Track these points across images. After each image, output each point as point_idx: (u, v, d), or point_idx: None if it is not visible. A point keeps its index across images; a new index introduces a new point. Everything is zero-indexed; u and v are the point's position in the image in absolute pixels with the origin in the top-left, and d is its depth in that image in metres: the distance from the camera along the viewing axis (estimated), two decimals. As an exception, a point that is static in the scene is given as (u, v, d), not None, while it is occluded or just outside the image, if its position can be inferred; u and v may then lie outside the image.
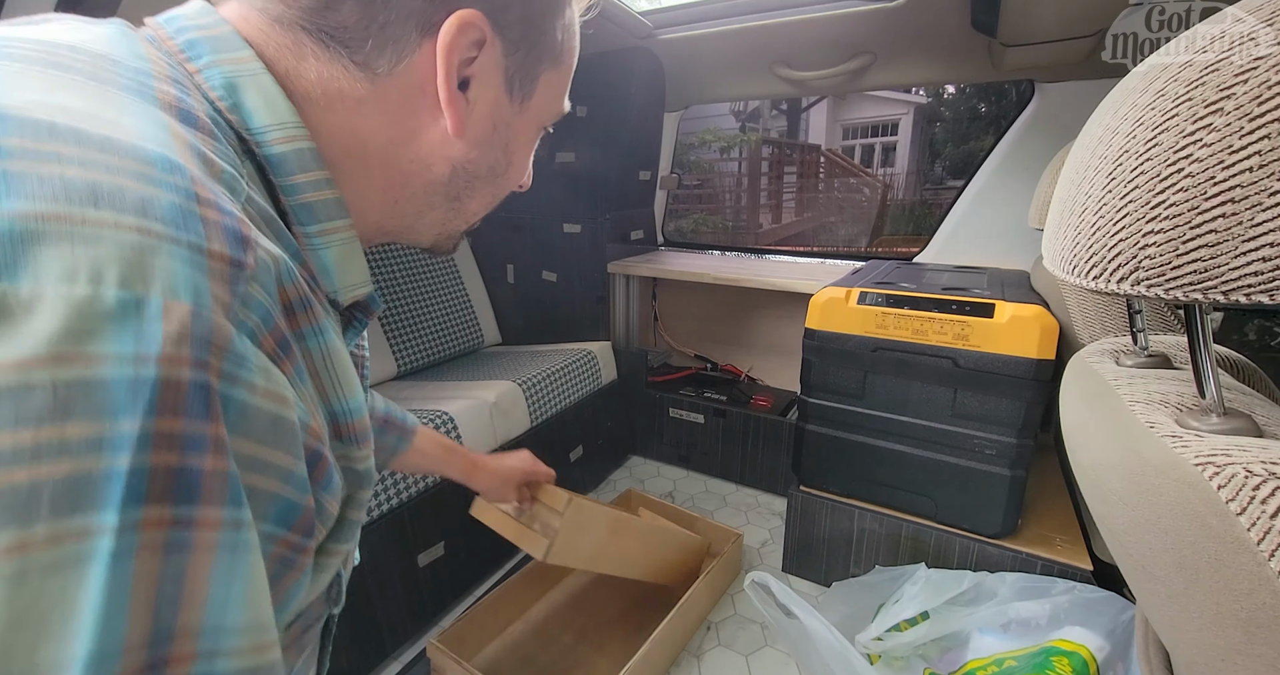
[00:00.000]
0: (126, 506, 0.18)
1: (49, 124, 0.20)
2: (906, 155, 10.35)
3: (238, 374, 0.21)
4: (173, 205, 0.20)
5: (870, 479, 1.20)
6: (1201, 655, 0.31)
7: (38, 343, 0.17)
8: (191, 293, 0.20)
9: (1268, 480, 0.25)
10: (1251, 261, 0.22)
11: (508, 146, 0.39)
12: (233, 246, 0.21)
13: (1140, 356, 0.47)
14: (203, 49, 0.30)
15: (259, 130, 0.30)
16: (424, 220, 0.39)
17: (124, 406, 0.18)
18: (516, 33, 0.35)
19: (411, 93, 0.33)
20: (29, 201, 0.18)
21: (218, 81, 0.29)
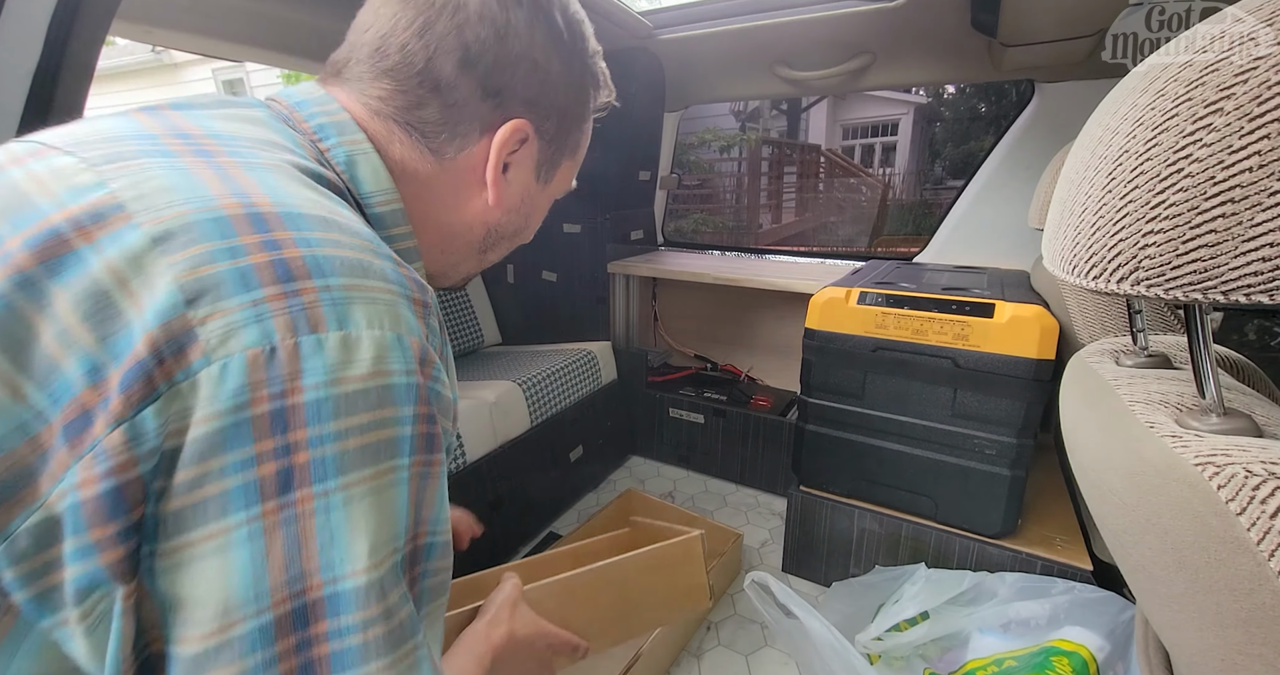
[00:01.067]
0: (411, 454, 0.30)
1: (323, 219, 0.31)
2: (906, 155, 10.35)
3: (439, 376, 0.33)
4: (395, 271, 0.32)
5: (870, 479, 1.20)
6: (1201, 655, 0.31)
7: (366, 363, 0.29)
8: (416, 331, 0.31)
9: (1268, 480, 0.25)
10: (1251, 261, 0.22)
11: (530, 216, 0.50)
12: (421, 293, 0.33)
13: (1140, 356, 0.47)
14: (330, 132, 0.41)
15: (367, 195, 0.41)
16: (458, 269, 0.51)
17: (405, 400, 0.30)
18: (550, 135, 0.47)
19: (467, 174, 0.44)
20: (342, 277, 0.29)
21: (341, 158, 0.40)
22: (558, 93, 0.45)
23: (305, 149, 0.38)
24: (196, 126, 0.35)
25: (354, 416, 0.28)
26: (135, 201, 0.28)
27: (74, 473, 0.25)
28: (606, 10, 1.34)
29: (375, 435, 0.29)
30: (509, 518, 1.39)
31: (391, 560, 0.29)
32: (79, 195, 0.28)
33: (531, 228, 0.52)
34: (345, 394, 0.28)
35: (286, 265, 0.28)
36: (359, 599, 0.28)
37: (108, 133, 0.32)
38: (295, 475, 0.27)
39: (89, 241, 0.27)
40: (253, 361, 0.26)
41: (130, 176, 0.29)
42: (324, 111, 0.41)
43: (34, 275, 0.26)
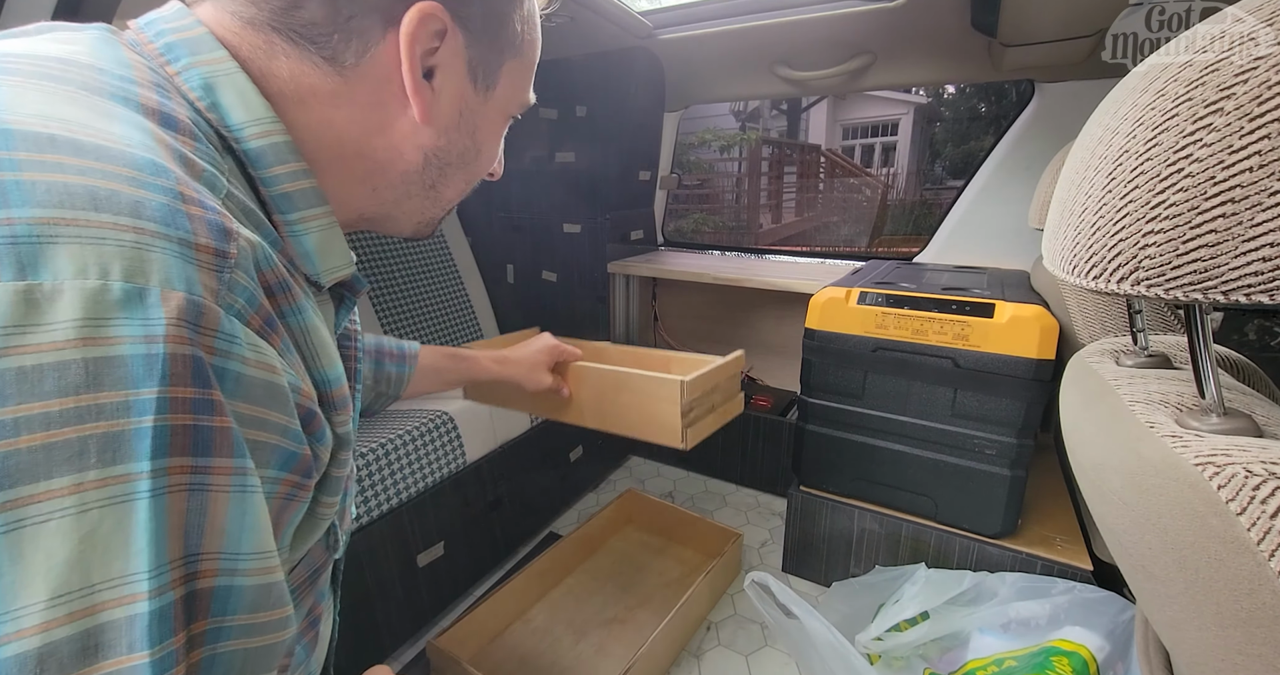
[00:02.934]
0: (155, 456, 0.22)
1: (49, 136, 0.23)
2: (906, 155, 10.35)
3: (230, 349, 0.24)
4: (161, 205, 0.23)
5: (870, 479, 1.20)
6: (1201, 655, 0.31)
7: (66, 328, 0.21)
8: (184, 282, 0.23)
9: (1268, 480, 0.25)
10: (1251, 261, 0.22)
11: (475, 134, 0.41)
12: (217, 239, 0.25)
13: (1140, 356, 0.47)
14: (180, 51, 0.32)
15: (236, 127, 0.32)
16: (402, 208, 0.41)
17: (142, 377, 0.22)
18: (477, 24, 0.37)
19: (380, 84, 0.35)
20: (41, 208, 0.21)
21: (196, 83, 0.32)
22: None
23: (138, 73, 0.29)
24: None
25: (34, 403, 0.20)
26: None
27: None
28: (606, 10, 1.34)
29: (77, 429, 0.21)
30: (509, 518, 1.39)
31: (107, 615, 0.21)
32: None
33: (486, 151, 0.43)
34: (17, 370, 0.20)
35: None
36: (23, 667, 0.19)
37: None
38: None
39: None
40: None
41: None
42: (174, 28, 0.32)
43: None
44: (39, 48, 0.28)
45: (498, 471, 1.34)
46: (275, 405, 0.27)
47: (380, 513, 1.07)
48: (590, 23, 1.38)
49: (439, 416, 1.21)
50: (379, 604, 1.08)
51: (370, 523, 1.05)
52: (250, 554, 0.25)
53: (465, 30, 0.36)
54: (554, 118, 1.78)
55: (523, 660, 1.10)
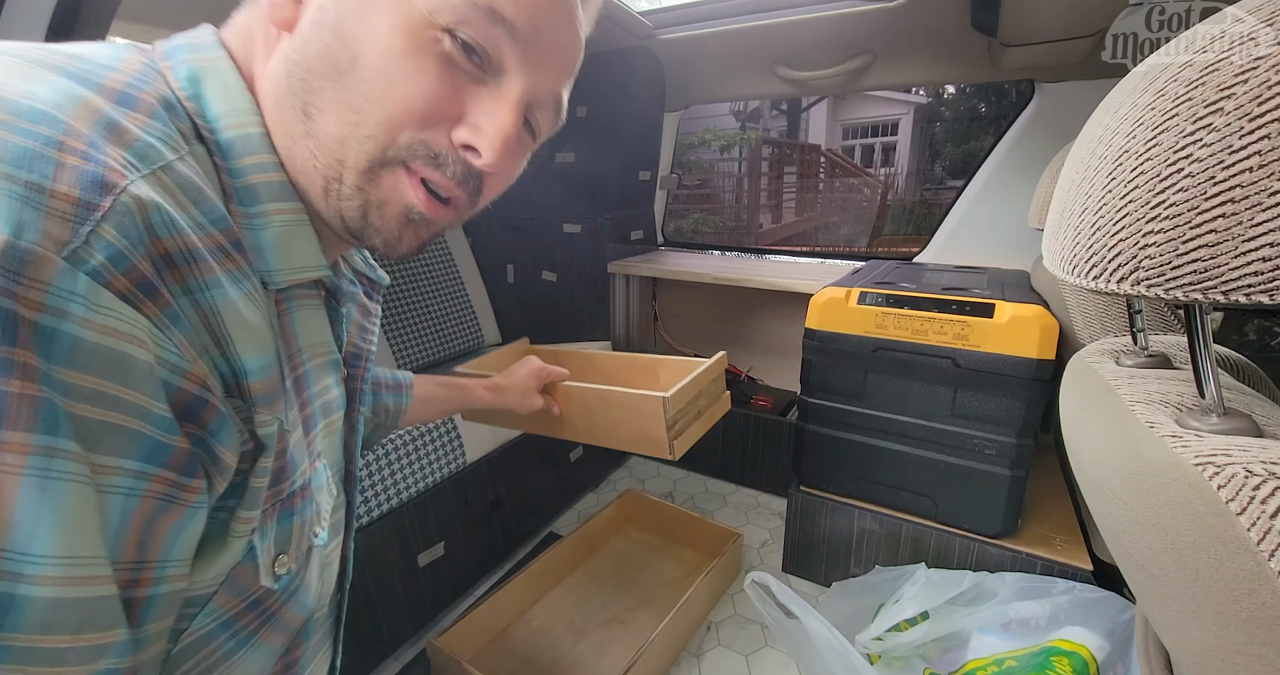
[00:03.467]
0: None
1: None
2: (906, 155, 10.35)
3: (65, 308, 0.21)
4: (23, 149, 0.21)
5: (870, 479, 1.20)
6: (1201, 655, 0.31)
7: None
8: (12, 226, 0.20)
9: (1268, 480, 0.25)
10: (1251, 261, 0.22)
11: (339, 28, 0.31)
12: (85, 189, 0.22)
13: (1140, 356, 0.47)
14: (180, 51, 0.32)
15: (213, 118, 0.31)
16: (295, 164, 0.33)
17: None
18: None
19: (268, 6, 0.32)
20: None
21: (183, 73, 0.31)
22: None
23: (126, 64, 0.29)
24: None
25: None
26: None
27: None
28: (606, 10, 1.34)
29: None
30: (509, 518, 1.39)
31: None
32: None
33: (365, 55, 0.30)
34: None
35: None
36: None
37: None
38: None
39: None
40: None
41: None
42: (187, 36, 0.33)
43: None
44: (67, 46, 0.28)
45: (498, 471, 1.34)
46: (130, 382, 0.23)
47: (381, 513, 1.07)
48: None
49: (439, 416, 1.21)
50: (379, 604, 1.08)
51: (370, 523, 1.05)
52: (46, 557, 0.20)
53: None
54: (554, 118, 1.77)
55: (523, 660, 1.10)
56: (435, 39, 0.31)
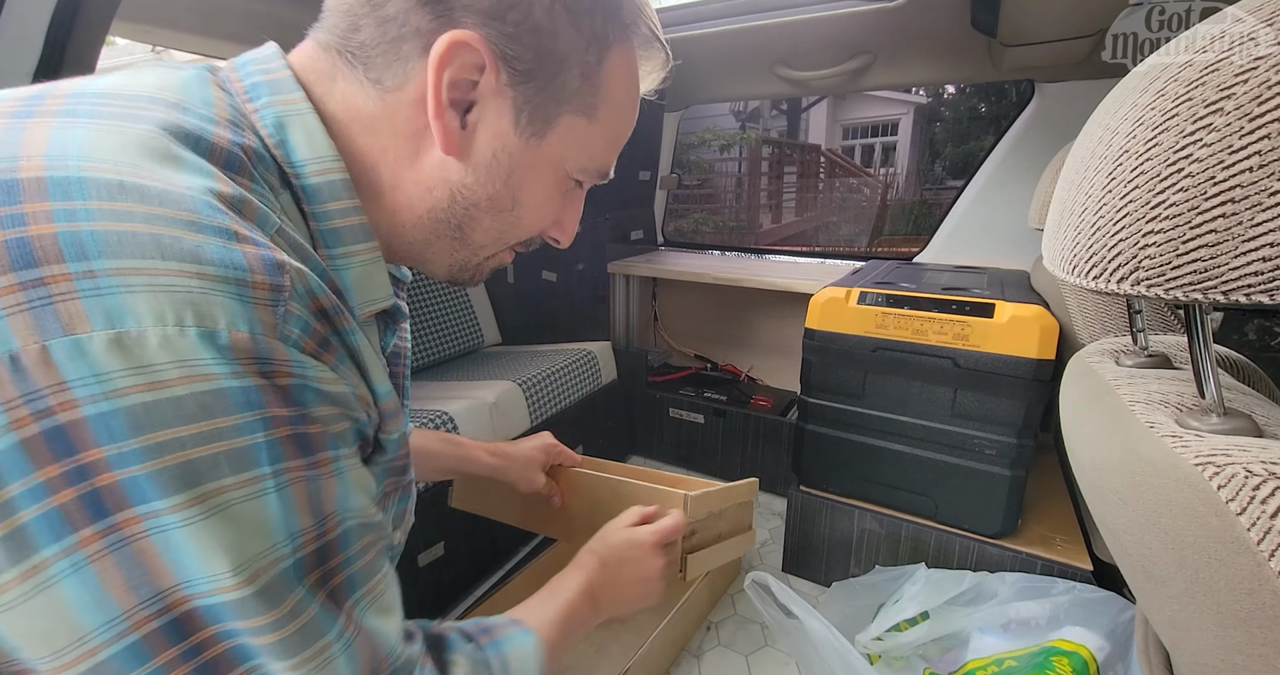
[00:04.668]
0: (273, 462, 0.28)
1: (119, 183, 0.26)
2: (906, 155, 10.35)
3: (305, 373, 0.29)
4: (218, 248, 0.26)
5: (870, 479, 1.20)
6: (1201, 655, 0.31)
7: (168, 369, 0.25)
8: (246, 323, 0.27)
9: (1268, 480, 0.25)
10: (1251, 261, 0.22)
11: (511, 180, 0.39)
12: (270, 274, 0.28)
13: (1140, 356, 0.47)
14: (262, 91, 0.35)
15: (299, 163, 0.35)
16: (432, 249, 0.42)
17: (242, 405, 0.26)
18: (525, 65, 0.36)
19: (415, 111, 0.36)
20: (116, 259, 0.24)
21: (269, 121, 0.34)
22: (534, 8, 0.35)
23: (218, 111, 0.32)
24: (73, 85, 0.31)
25: (167, 430, 0.24)
26: None
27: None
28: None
29: (207, 449, 0.25)
30: (509, 518, 1.39)
31: (273, 571, 0.28)
32: None
33: (527, 205, 0.40)
34: (143, 406, 0.24)
35: (29, 246, 0.23)
36: (238, 610, 0.27)
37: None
38: (106, 498, 0.24)
39: None
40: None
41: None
42: (262, 69, 0.36)
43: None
44: (134, 84, 0.32)
45: (498, 471, 1.34)
46: (342, 404, 0.32)
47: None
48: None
49: (439, 416, 1.21)
50: (379, 604, 1.08)
51: (370, 523, 1.05)
52: (354, 509, 0.33)
53: (510, 69, 0.36)
54: (554, 118, 1.77)
55: (523, 660, 1.10)
56: (567, 185, 0.43)
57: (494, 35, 0.34)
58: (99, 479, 0.24)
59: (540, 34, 0.35)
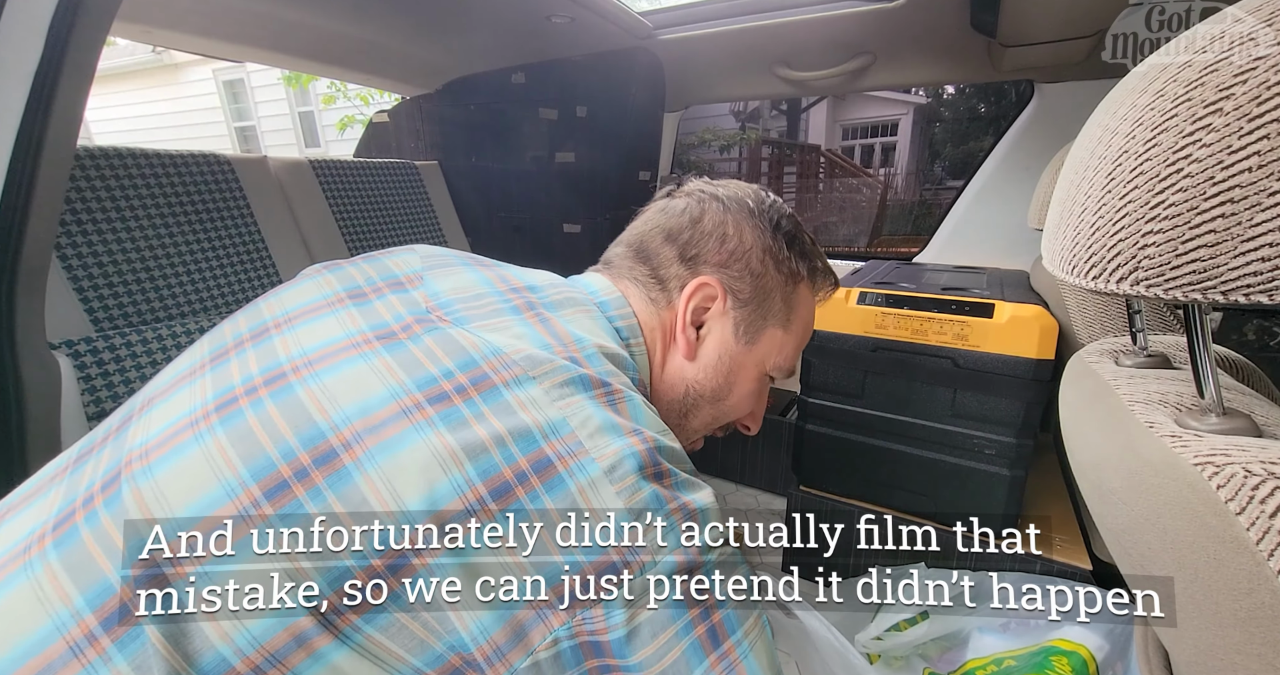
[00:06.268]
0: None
1: (674, 450, 0.38)
2: (906, 155, 10.34)
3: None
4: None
5: (870, 479, 1.20)
6: (1200, 655, 0.31)
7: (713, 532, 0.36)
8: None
9: (1267, 480, 0.25)
10: (1250, 261, 0.22)
11: (729, 375, 0.52)
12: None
13: (1139, 356, 0.48)
14: (627, 334, 0.48)
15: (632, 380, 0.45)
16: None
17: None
18: (745, 295, 0.51)
19: (670, 323, 0.50)
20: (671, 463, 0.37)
21: (630, 359, 0.44)
22: (750, 258, 0.52)
23: (624, 351, 0.44)
24: (586, 358, 0.40)
25: (715, 574, 0.34)
26: (589, 440, 0.34)
27: (564, 628, 0.31)
28: (606, 10, 1.34)
29: (732, 587, 0.35)
30: (509, 518, 1.39)
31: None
32: (555, 430, 0.34)
33: (737, 394, 0.53)
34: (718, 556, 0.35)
35: (662, 481, 0.35)
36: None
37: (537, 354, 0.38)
38: (719, 630, 0.33)
39: (565, 468, 0.33)
40: (680, 559, 0.33)
41: (576, 414, 0.35)
42: (621, 315, 0.49)
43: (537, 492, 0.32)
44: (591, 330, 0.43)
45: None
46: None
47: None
48: (590, 23, 1.38)
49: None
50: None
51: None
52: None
53: (734, 297, 0.51)
54: (554, 118, 1.77)
55: (523, 660, 1.10)
56: (764, 380, 0.55)
57: (725, 277, 0.51)
58: (714, 615, 0.34)
59: (755, 276, 0.52)
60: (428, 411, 0.33)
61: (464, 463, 0.32)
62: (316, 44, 1.34)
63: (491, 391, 0.34)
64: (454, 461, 0.31)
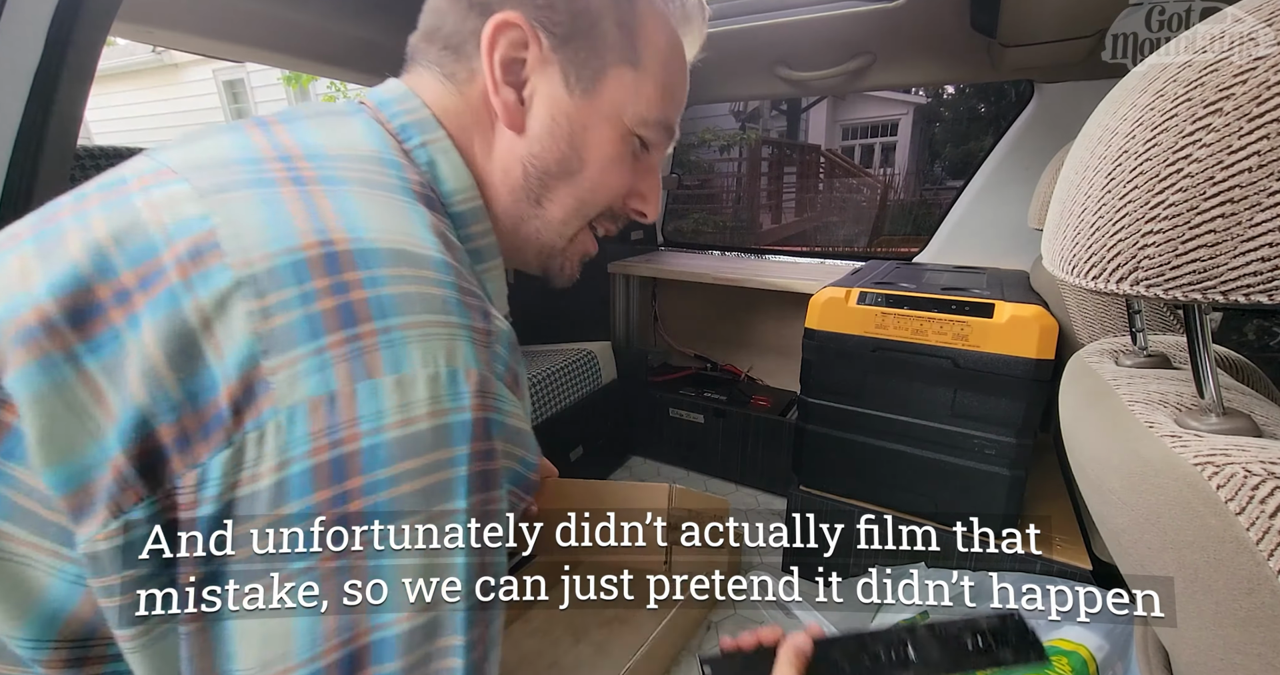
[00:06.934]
0: (467, 496, 0.30)
1: (395, 251, 0.30)
2: (906, 155, 10.34)
3: (501, 407, 0.32)
4: (456, 300, 0.31)
5: (870, 479, 1.20)
6: (1200, 655, 0.31)
7: (421, 405, 0.28)
8: (476, 362, 0.30)
9: (1266, 480, 0.25)
10: (1250, 261, 0.22)
11: (572, 140, 0.41)
12: (484, 321, 0.32)
13: (1139, 356, 0.48)
14: (413, 132, 0.40)
15: (447, 194, 0.39)
16: (520, 236, 0.44)
17: (461, 439, 0.29)
18: (564, 29, 0.39)
19: (484, 100, 0.40)
20: (403, 316, 0.29)
21: (423, 159, 0.39)
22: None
23: (400, 159, 0.37)
24: (298, 144, 0.35)
25: (407, 461, 0.28)
26: (230, 240, 0.28)
27: (143, 507, 0.27)
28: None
29: (429, 479, 0.28)
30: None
31: (451, 602, 0.30)
32: (185, 228, 0.29)
33: (593, 164, 0.42)
34: (399, 439, 0.28)
35: (351, 309, 0.28)
36: (402, 645, 0.28)
37: (220, 155, 0.33)
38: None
39: (183, 277, 0.28)
40: (314, 410, 0.27)
41: (230, 210, 0.30)
42: (405, 110, 0.40)
43: (141, 312, 0.27)
44: (341, 142, 0.36)
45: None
46: (522, 443, 0.34)
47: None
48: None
49: (439, 416, 1.21)
50: (379, 604, 1.08)
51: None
52: (503, 547, 0.33)
53: (550, 35, 0.39)
54: (554, 118, 1.77)
55: (523, 660, 1.10)
56: (631, 142, 0.43)
57: (530, 11, 0.38)
58: (352, 505, 0.27)
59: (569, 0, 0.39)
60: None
61: None
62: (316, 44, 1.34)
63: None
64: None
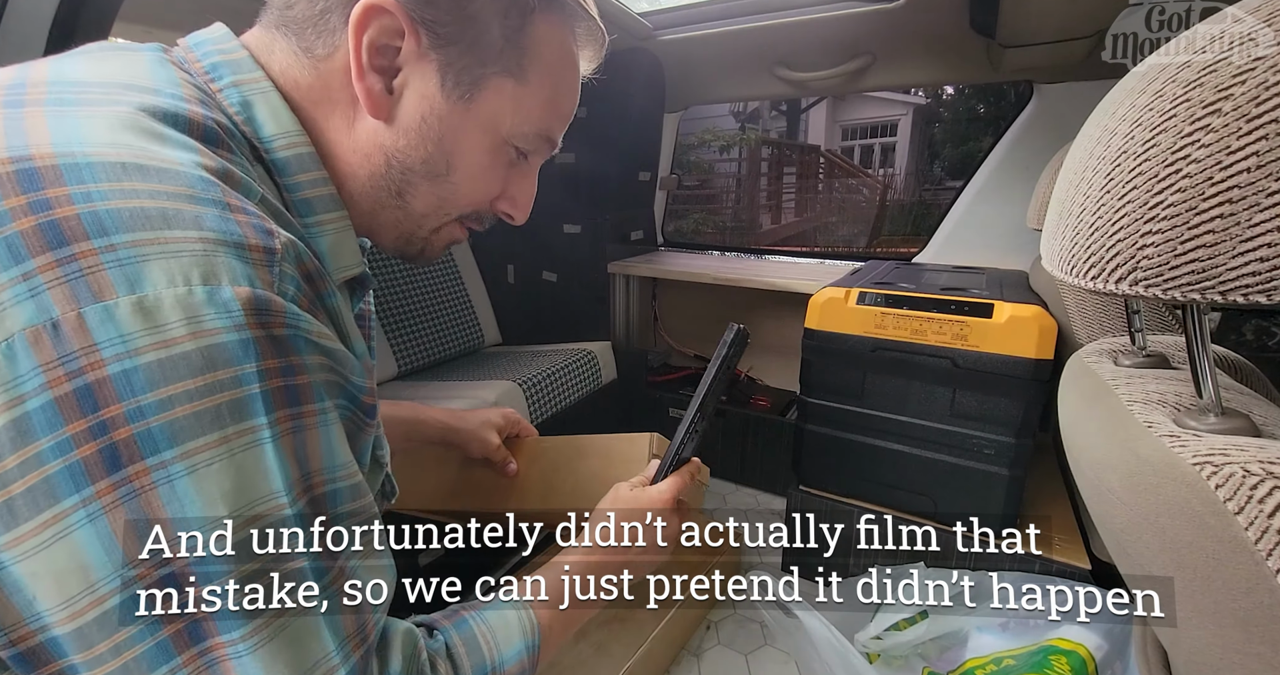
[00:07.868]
0: (267, 412, 0.29)
1: (121, 164, 0.28)
2: (905, 156, 10.34)
3: (298, 324, 0.30)
4: (216, 216, 0.29)
5: (869, 479, 1.20)
6: (1199, 654, 0.31)
7: (177, 326, 0.27)
8: (247, 279, 0.28)
9: (1265, 480, 0.25)
10: (1249, 261, 0.22)
11: (443, 144, 0.39)
12: (263, 239, 0.30)
13: (1138, 356, 0.48)
14: (224, 71, 0.37)
15: (267, 139, 0.36)
16: (378, 219, 0.42)
17: (241, 357, 0.28)
18: (445, 29, 0.37)
19: (345, 78, 0.38)
20: (132, 233, 0.27)
21: (235, 99, 0.36)
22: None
23: (186, 91, 0.34)
24: (47, 73, 0.32)
25: (176, 384, 0.27)
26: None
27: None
28: (606, 11, 1.34)
29: (211, 400, 0.27)
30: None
31: (268, 519, 0.29)
32: None
33: (462, 169, 0.40)
34: (157, 362, 0.26)
35: (58, 227, 0.26)
36: (228, 561, 0.29)
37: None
38: (122, 451, 0.26)
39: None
40: (35, 340, 0.25)
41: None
42: (220, 50, 0.37)
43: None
44: (104, 73, 0.33)
45: (497, 471, 1.34)
46: (337, 360, 0.34)
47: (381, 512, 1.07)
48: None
49: (439, 416, 1.21)
50: (379, 604, 1.08)
51: (370, 523, 1.05)
52: (341, 465, 0.33)
53: (431, 33, 0.37)
54: (554, 118, 1.77)
55: (522, 660, 1.10)
56: (506, 152, 0.42)
57: (410, 2, 0.36)
58: (117, 433, 0.26)
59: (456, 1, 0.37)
60: None
61: None
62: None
63: None
64: None
